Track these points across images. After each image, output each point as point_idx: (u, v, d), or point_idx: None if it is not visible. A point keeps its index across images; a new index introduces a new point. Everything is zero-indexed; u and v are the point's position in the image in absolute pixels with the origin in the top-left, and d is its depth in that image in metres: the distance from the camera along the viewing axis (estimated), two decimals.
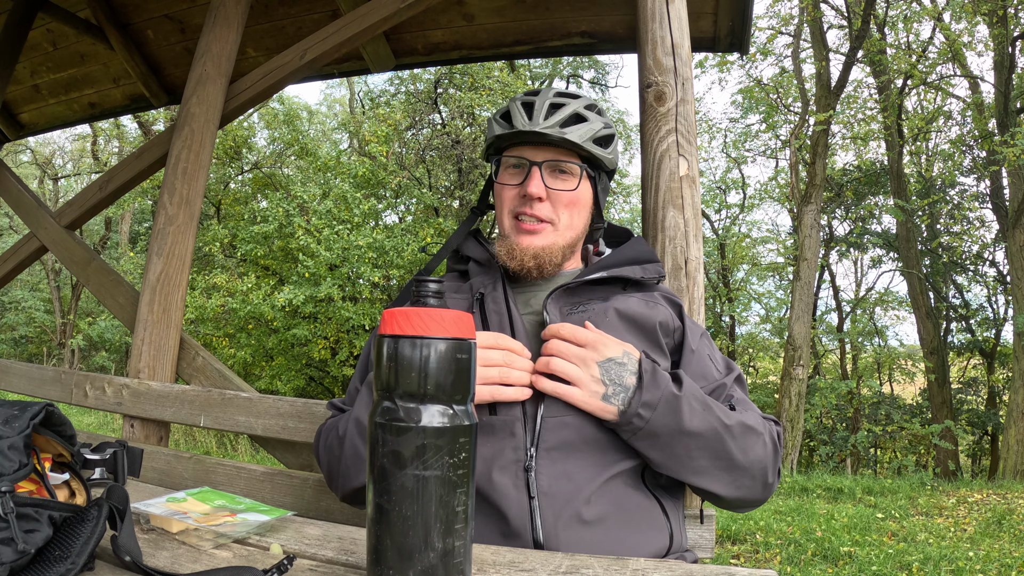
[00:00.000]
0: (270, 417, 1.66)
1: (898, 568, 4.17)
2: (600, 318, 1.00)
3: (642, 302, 1.04)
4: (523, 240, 1.05)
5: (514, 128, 1.04)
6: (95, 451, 0.93)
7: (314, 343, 8.99)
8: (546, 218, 1.05)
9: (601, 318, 1.00)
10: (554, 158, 1.05)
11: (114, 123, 14.42)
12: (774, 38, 11.45)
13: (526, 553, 0.72)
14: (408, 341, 0.58)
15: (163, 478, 1.73)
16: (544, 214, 1.05)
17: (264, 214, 9.16)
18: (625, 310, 1.01)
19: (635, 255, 1.11)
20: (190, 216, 2.10)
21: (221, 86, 2.16)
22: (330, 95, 17.64)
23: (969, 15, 9.64)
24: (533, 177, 1.04)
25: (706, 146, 14.92)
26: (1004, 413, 9.56)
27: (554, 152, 1.06)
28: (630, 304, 1.03)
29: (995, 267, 11.91)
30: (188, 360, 2.07)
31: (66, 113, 3.30)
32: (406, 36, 2.58)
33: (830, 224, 13.26)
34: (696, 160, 1.50)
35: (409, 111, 10.38)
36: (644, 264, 1.10)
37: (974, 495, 6.56)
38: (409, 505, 0.56)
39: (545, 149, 1.05)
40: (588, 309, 1.02)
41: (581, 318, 1.00)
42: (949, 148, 11.93)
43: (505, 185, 1.08)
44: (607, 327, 0.98)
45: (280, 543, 0.75)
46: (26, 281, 16.57)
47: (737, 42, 2.30)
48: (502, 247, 1.07)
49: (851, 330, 12.45)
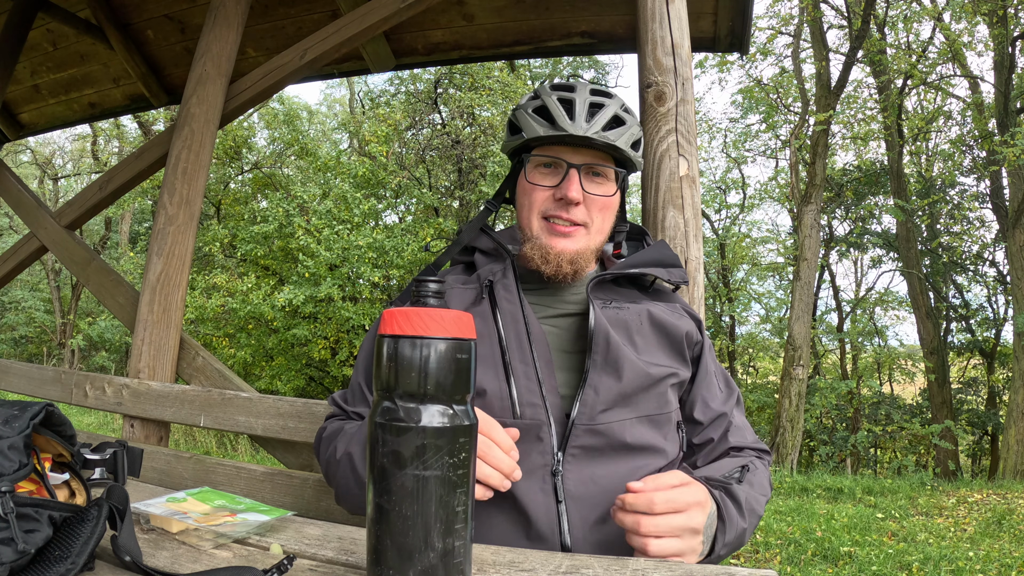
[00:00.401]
0: (270, 417, 1.66)
1: (898, 568, 4.17)
2: (636, 322, 0.99)
3: (669, 310, 1.04)
4: (558, 243, 1.02)
5: (559, 129, 1.00)
6: (95, 451, 0.93)
7: (314, 343, 8.99)
8: (581, 221, 1.02)
9: (637, 323, 0.99)
10: (592, 161, 1.02)
11: (114, 123, 14.42)
12: (774, 38, 11.46)
13: (526, 553, 0.72)
14: (408, 341, 0.58)
15: (163, 478, 1.73)
16: (580, 218, 1.02)
17: (264, 214, 9.17)
18: (658, 317, 1.01)
19: (661, 258, 1.09)
20: (190, 216, 2.10)
21: (221, 86, 2.16)
22: (330, 95, 17.67)
23: (969, 15, 9.64)
24: (572, 181, 1.00)
25: (706, 146, 14.92)
26: (1004, 413, 9.55)
27: (592, 155, 1.03)
28: (660, 311, 1.03)
29: (995, 267, 11.91)
30: (188, 360, 2.07)
31: (66, 113, 3.30)
32: (406, 36, 2.58)
33: (830, 224, 13.26)
34: (696, 160, 1.50)
35: (409, 111, 10.38)
36: (669, 268, 1.09)
37: (974, 495, 6.55)
38: (409, 505, 0.56)
39: (584, 151, 1.02)
40: (623, 308, 1.01)
41: (617, 315, 0.99)
42: (949, 148, 11.94)
43: (537, 185, 1.04)
44: (642, 334, 0.99)
45: (280, 543, 0.75)
46: (26, 281, 16.57)
47: (737, 42, 2.31)
48: (532, 250, 1.03)
49: (851, 330, 12.45)
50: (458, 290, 1.05)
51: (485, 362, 0.95)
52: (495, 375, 0.94)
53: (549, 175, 1.04)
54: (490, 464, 0.78)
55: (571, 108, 1.01)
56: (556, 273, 1.01)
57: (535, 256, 1.02)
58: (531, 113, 1.04)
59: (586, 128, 0.99)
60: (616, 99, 1.04)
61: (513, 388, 0.93)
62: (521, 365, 0.95)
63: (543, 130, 1.01)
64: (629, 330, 0.99)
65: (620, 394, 0.93)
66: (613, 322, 0.98)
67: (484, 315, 0.99)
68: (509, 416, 0.91)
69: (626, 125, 1.03)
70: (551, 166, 1.04)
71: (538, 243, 1.03)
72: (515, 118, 1.07)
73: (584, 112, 1.00)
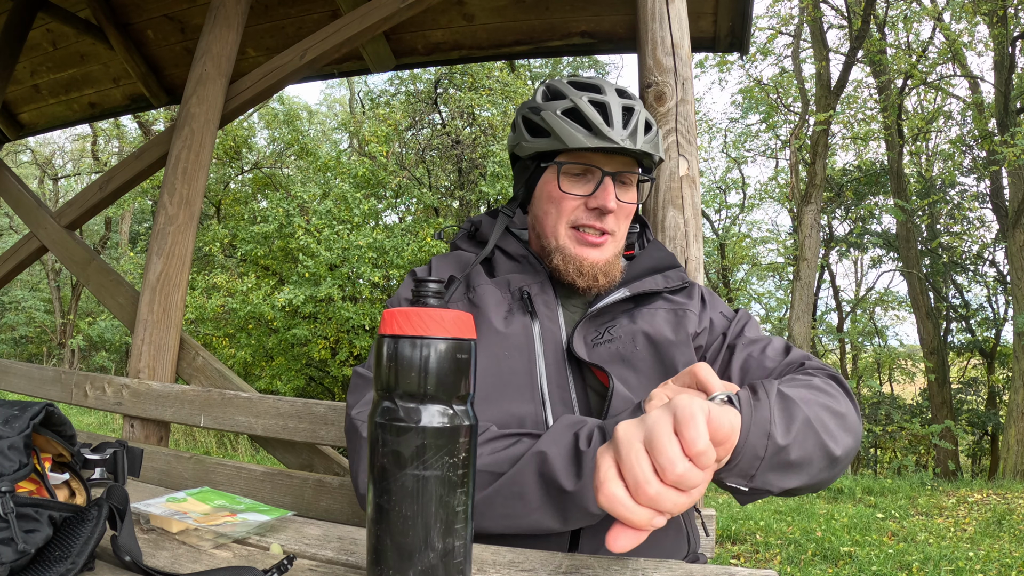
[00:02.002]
0: (270, 417, 1.66)
1: (898, 568, 4.17)
2: (629, 347, 0.94)
3: (670, 315, 0.98)
4: (590, 254, 0.97)
5: (604, 139, 0.93)
6: (95, 451, 0.93)
7: (314, 343, 8.99)
8: (611, 231, 0.98)
9: (630, 347, 0.94)
10: (625, 168, 0.98)
11: (114, 123, 14.43)
12: (774, 38, 11.47)
13: (526, 553, 0.72)
14: (408, 341, 0.58)
15: (163, 478, 1.73)
16: (611, 227, 0.98)
17: (264, 214, 9.17)
18: (654, 334, 0.95)
19: (654, 263, 1.04)
20: (190, 216, 2.10)
21: (221, 86, 2.16)
22: (330, 95, 17.67)
23: (969, 15, 9.65)
24: (608, 190, 0.95)
25: (706, 146, 14.93)
26: (1004, 413, 9.56)
27: (624, 162, 0.98)
28: (658, 323, 0.96)
29: (995, 267, 11.92)
30: (188, 360, 2.07)
31: (66, 113, 3.30)
32: (406, 36, 2.58)
33: (830, 224, 13.27)
34: (696, 160, 1.50)
35: (409, 111, 10.38)
36: (665, 272, 1.03)
37: (974, 495, 6.55)
38: (409, 505, 0.56)
39: (617, 158, 0.97)
40: (615, 337, 0.95)
41: (608, 349, 0.94)
42: (949, 148, 11.94)
43: (570, 195, 0.98)
44: (636, 358, 0.94)
45: (280, 543, 0.75)
46: (26, 281, 16.57)
47: (737, 42, 2.31)
48: (564, 263, 0.97)
49: (851, 330, 12.45)
50: (490, 288, 0.99)
51: (520, 380, 0.91)
52: (531, 398, 0.90)
53: (580, 183, 0.98)
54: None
55: (606, 113, 0.95)
56: (591, 286, 0.97)
57: (569, 269, 0.97)
58: (562, 116, 0.96)
59: (626, 136, 0.94)
60: (637, 100, 1.00)
61: (548, 412, 0.90)
62: (558, 389, 0.91)
63: (586, 139, 0.94)
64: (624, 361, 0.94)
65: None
66: (606, 359, 0.93)
67: (525, 328, 0.94)
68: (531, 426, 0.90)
69: (654, 130, 0.99)
70: (582, 173, 0.99)
71: (568, 254, 0.98)
72: (542, 120, 0.98)
73: (620, 118, 0.95)
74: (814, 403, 0.75)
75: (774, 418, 0.67)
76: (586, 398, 0.92)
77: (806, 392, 0.76)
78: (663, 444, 0.52)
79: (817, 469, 0.73)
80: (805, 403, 0.73)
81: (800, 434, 0.69)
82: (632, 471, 0.52)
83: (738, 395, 0.66)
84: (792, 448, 0.68)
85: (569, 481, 0.74)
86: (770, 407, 0.67)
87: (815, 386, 0.80)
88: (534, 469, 0.76)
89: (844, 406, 0.80)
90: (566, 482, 0.74)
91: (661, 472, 0.52)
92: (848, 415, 0.79)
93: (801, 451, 0.69)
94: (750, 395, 0.68)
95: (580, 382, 0.93)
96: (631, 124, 0.95)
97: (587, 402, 0.92)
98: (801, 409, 0.71)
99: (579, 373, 0.93)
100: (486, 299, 0.97)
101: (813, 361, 0.91)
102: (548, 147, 0.97)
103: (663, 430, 0.53)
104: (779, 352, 0.93)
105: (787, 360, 0.92)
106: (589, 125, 0.94)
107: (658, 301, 1.00)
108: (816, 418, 0.73)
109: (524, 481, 0.76)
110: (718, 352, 0.97)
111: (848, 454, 0.77)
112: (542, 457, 0.76)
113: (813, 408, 0.73)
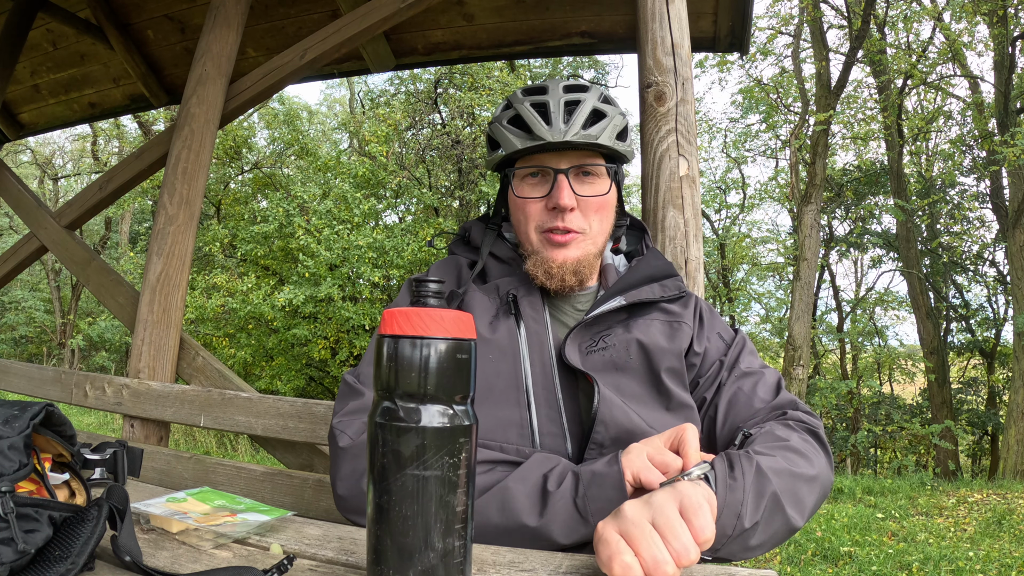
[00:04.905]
0: (270, 417, 1.66)
1: (898, 568, 4.17)
2: (623, 355, 0.93)
3: (666, 327, 0.97)
4: (558, 255, 0.97)
5: (538, 139, 0.94)
6: (95, 451, 0.93)
7: (314, 343, 8.99)
8: (578, 228, 0.97)
9: (624, 355, 0.93)
10: (579, 162, 0.97)
11: (114, 123, 14.42)
12: (774, 38, 11.46)
13: (526, 553, 0.72)
14: (408, 341, 0.58)
15: (163, 478, 1.73)
16: (576, 225, 0.97)
17: (264, 214, 9.17)
18: (649, 344, 0.94)
19: (651, 271, 1.03)
20: (190, 216, 2.10)
21: (221, 86, 2.16)
22: (330, 95, 17.66)
23: (969, 15, 9.64)
24: (562, 187, 0.95)
25: (706, 146, 14.92)
26: (1004, 413, 9.55)
27: (578, 155, 0.97)
28: (653, 333, 0.95)
29: (995, 267, 11.92)
30: (188, 360, 2.07)
31: (66, 113, 3.30)
32: (406, 36, 2.58)
33: (830, 224, 13.26)
34: (696, 160, 1.50)
35: (409, 111, 10.38)
36: (663, 281, 1.02)
37: (974, 495, 6.55)
38: (409, 505, 0.56)
39: (568, 154, 0.97)
40: (609, 345, 0.94)
41: (602, 357, 0.93)
42: (949, 148, 11.93)
43: (528, 199, 0.98)
44: (629, 368, 0.93)
45: (280, 543, 0.75)
46: (26, 281, 16.56)
47: (737, 42, 2.31)
48: (535, 267, 0.98)
49: (851, 330, 12.44)
50: (478, 294, 0.99)
51: (506, 384, 0.91)
52: (516, 401, 0.90)
53: (538, 185, 0.99)
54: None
55: (546, 112, 0.96)
56: (561, 287, 0.97)
57: (538, 272, 0.98)
58: (506, 125, 0.99)
59: (564, 131, 0.94)
60: (593, 91, 0.99)
61: (534, 416, 0.90)
62: (544, 392, 0.91)
63: (520, 142, 0.96)
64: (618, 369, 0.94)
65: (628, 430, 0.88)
66: (599, 367, 0.93)
67: (510, 331, 0.94)
68: (529, 444, 0.89)
69: (607, 117, 0.98)
70: (538, 175, 0.99)
71: (538, 258, 0.98)
72: (492, 132, 1.02)
73: (560, 113, 0.95)
74: (787, 474, 0.78)
75: (746, 500, 0.72)
76: (575, 403, 0.92)
77: (782, 461, 0.80)
78: (676, 532, 0.60)
79: (778, 540, 0.78)
80: (778, 475, 0.77)
81: (768, 512, 0.74)
82: (651, 552, 0.58)
83: (715, 472, 0.72)
84: (759, 528, 0.74)
85: (532, 518, 0.77)
86: (744, 489, 0.73)
87: (793, 448, 0.83)
88: (497, 505, 0.79)
89: (818, 466, 0.84)
90: (528, 519, 0.77)
91: (676, 557, 0.58)
92: (819, 476, 0.83)
93: (766, 532, 0.75)
94: (727, 472, 0.73)
95: (571, 387, 0.92)
96: (573, 117, 0.95)
97: (576, 407, 0.91)
98: (773, 485, 0.76)
99: (570, 378, 0.93)
100: (472, 305, 0.97)
101: (798, 410, 0.93)
102: (499, 158, 1.01)
103: (673, 516, 0.61)
104: (769, 391, 0.95)
105: (774, 403, 0.94)
106: (527, 128, 0.96)
107: (654, 312, 1.00)
108: (786, 491, 0.77)
109: (487, 512, 0.79)
110: (712, 380, 0.98)
111: (813, 510, 0.83)
112: (506, 494, 0.79)
113: (785, 480, 0.78)
